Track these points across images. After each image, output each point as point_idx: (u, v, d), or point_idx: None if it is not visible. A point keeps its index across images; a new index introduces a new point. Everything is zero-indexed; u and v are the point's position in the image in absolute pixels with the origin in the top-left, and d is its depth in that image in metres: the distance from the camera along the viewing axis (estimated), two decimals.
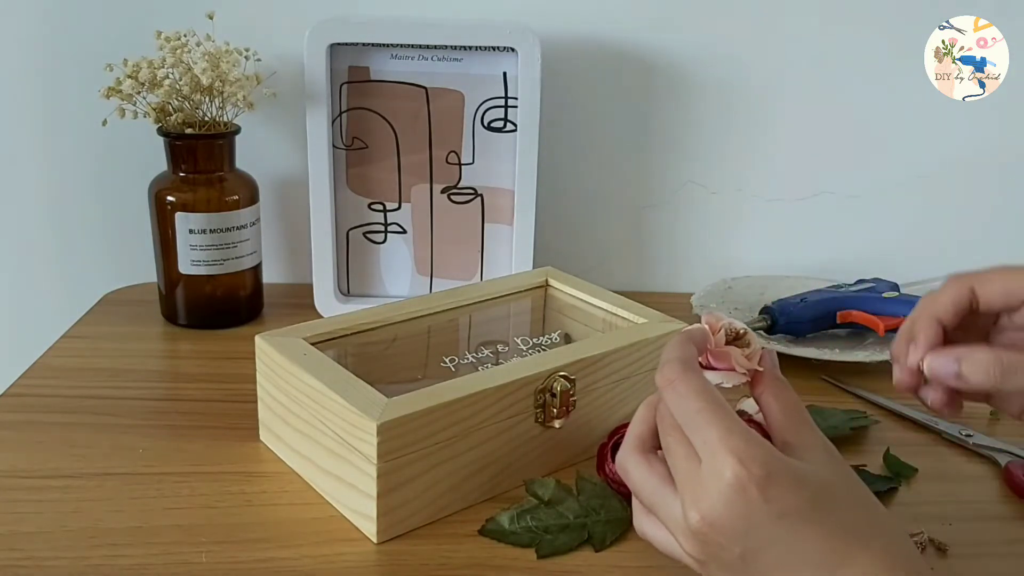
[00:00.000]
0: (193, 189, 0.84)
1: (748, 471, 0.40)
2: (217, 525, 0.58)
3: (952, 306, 0.47)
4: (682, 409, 0.43)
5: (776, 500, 0.40)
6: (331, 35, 0.83)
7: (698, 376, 0.44)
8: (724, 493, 0.40)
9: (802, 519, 0.40)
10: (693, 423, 0.42)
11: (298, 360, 0.61)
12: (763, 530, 0.40)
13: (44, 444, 0.66)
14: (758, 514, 0.40)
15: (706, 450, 0.41)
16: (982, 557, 0.58)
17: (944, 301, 0.47)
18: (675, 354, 0.45)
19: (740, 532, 0.40)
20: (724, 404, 0.43)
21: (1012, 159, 0.99)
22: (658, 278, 1.04)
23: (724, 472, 0.40)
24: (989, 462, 0.69)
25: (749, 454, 0.40)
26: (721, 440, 0.41)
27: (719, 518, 0.41)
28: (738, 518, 0.40)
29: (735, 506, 0.40)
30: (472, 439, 0.59)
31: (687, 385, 0.43)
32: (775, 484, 0.40)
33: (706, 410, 0.42)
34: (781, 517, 0.40)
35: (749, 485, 0.40)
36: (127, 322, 0.88)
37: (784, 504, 0.40)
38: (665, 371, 0.44)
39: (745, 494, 0.40)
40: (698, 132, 0.98)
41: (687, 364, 0.45)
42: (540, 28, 0.86)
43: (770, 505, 0.40)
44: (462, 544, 0.57)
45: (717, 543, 0.41)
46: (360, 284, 0.93)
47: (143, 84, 0.80)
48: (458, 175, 0.90)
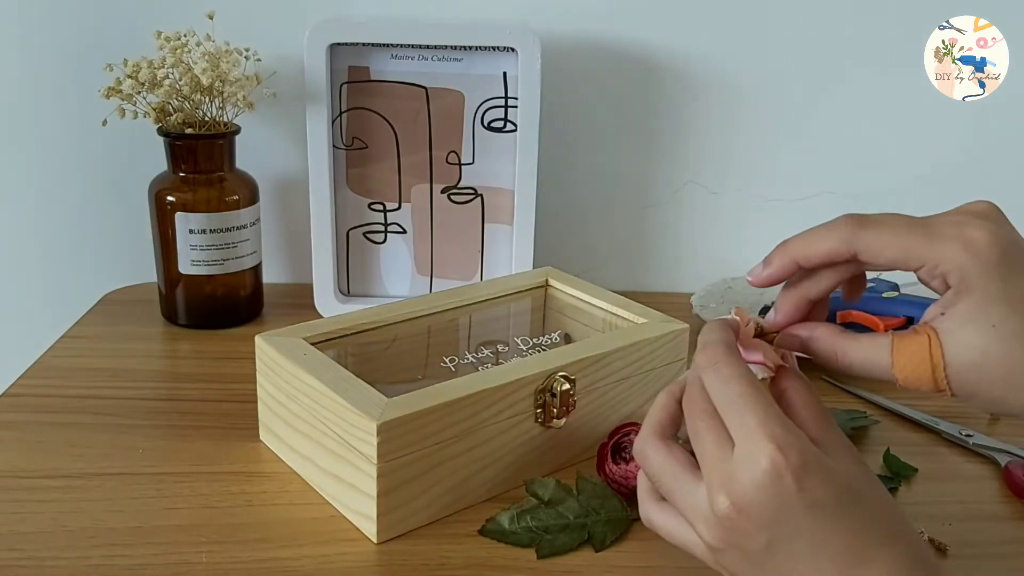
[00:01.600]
0: (193, 189, 0.84)
1: (786, 458, 0.39)
2: (217, 525, 0.58)
3: (824, 259, 0.45)
4: (723, 391, 0.42)
5: (809, 491, 0.40)
6: (331, 35, 0.83)
7: (740, 360, 0.44)
8: (758, 479, 0.40)
9: (830, 513, 0.40)
10: (733, 406, 0.42)
11: (298, 360, 0.61)
12: (792, 519, 0.40)
13: (44, 444, 0.66)
14: (790, 503, 0.40)
15: (743, 434, 0.41)
16: (982, 557, 0.58)
17: (815, 254, 0.45)
18: (718, 336, 0.45)
19: (769, 520, 0.40)
20: (765, 391, 0.42)
21: (1012, 159, 0.99)
22: (658, 278, 1.04)
23: (760, 458, 0.40)
24: (989, 462, 0.69)
25: (787, 442, 0.40)
26: (760, 425, 0.40)
27: (749, 504, 0.40)
28: (769, 505, 0.40)
29: (768, 492, 0.40)
30: (472, 439, 0.59)
31: (731, 369, 0.43)
32: (810, 475, 0.40)
33: (748, 395, 0.42)
34: (811, 508, 0.40)
35: (785, 473, 0.39)
36: (127, 322, 0.88)
37: (816, 495, 0.40)
38: (709, 352, 0.44)
39: (780, 481, 0.39)
40: (698, 132, 0.98)
41: (730, 347, 0.44)
42: (540, 28, 0.86)
43: (803, 495, 0.40)
44: (462, 544, 0.57)
45: (743, 530, 0.41)
46: (360, 284, 0.93)
47: (143, 84, 0.80)
48: (458, 175, 0.90)
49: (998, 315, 0.40)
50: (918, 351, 0.42)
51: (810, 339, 0.47)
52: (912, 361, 0.42)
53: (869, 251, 0.43)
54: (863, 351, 0.44)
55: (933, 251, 0.42)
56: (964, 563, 0.57)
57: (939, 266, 0.42)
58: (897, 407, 0.76)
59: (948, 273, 0.42)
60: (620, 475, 0.60)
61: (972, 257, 0.41)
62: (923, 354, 0.42)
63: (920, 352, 0.42)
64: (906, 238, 0.42)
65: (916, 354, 0.42)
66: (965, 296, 0.41)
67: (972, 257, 0.41)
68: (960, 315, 0.41)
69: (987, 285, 0.41)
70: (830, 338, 0.46)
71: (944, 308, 0.42)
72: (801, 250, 0.46)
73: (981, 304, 0.41)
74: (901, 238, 0.42)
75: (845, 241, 0.44)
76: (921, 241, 0.42)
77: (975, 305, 0.41)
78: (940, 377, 0.42)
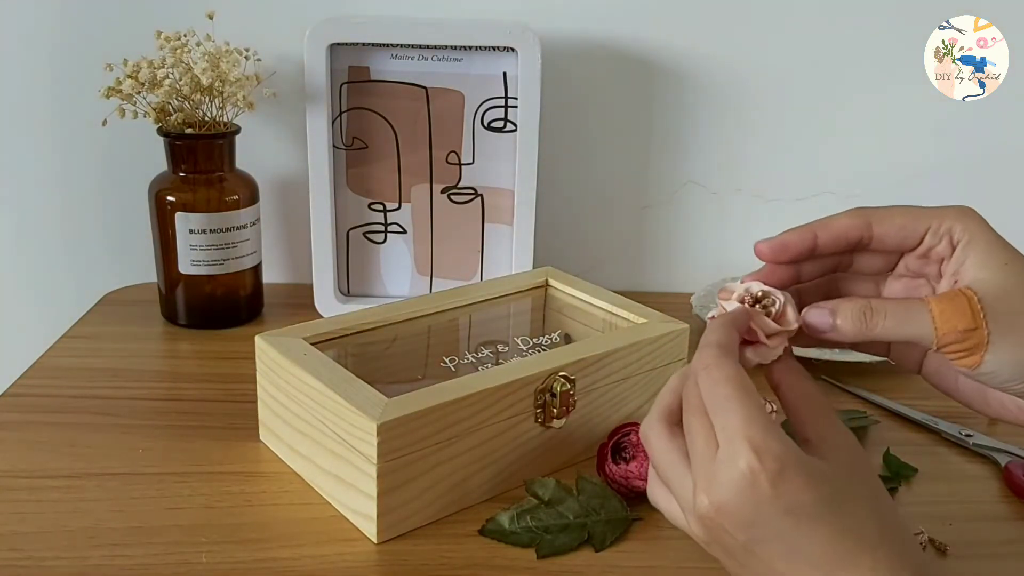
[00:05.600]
0: (193, 189, 0.84)
1: (762, 463, 0.40)
2: (217, 525, 0.58)
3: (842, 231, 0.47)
4: (711, 393, 0.43)
5: (786, 495, 0.40)
6: (331, 35, 0.83)
7: (733, 363, 0.44)
8: (736, 482, 0.40)
9: (810, 517, 0.40)
10: (719, 408, 0.42)
11: (298, 360, 0.61)
12: (769, 522, 0.40)
13: (44, 444, 0.66)
14: (766, 507, 0.40)
15: (724, 436, 0.41)
16: (982, 557, 0.58)
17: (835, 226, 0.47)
18: (714, 338, 0.45)
19: (746, 522, 0.41)
20: (753, 394, 0.43)
21: (1012, 159, 0.99)
22: (658, 278, 1.04)
23: (739, 461, 0.40)
24: (989, 462, 0.69)
25: (766, 446, 0.40)
26: (740, 429, 0.41)
27: (727, 505, 0.41)
28: (746, 508, 0.40)
29: (744, 496, 0.40)
30: (472, 439, 0.59)
31: (721, 372, 0.43)
32: (787, 480, 0.40)
33: (733, 398, 0.42)
34: (788, 513, 0.40)
35: (761, 477, 0.40)
36: (127, 322, 0.88)
37: (793, 500, 0.40)
38: (703, 355, 0.44)
39: (756, 486, 0.40)
40: (698, 132, 0.98)
41: (725, 350, 0.44)
42: (540, 28, 0.86)
43: (779, 500, 0.40)
44: (462, 544, 0.57)
45: (723, 528, 0.41)
46: (360, 284, 0.93)
47: (143, 84, 0.80)
48: (458, 175, 0.90)
49: (1006, 256, 0.45)
50: (955, 296, 0.44)
51: (837, 308, 0.46)
52: (951, 304, 0.44)
53: (882, 220, 0.47)
54: (899, 309, 0.45)
55: (936, 212, 0.47)
56: (964, 563, 0.57)
57: (943, 222, 0.46)
58: (897, 407, 0.76)
59: (952, 228, 0.46)
60: (620, 475, 0.60)
61: (969, 215, 0.46)
62: (961, 300, 0.44)
63: (957, 299, 0.44)
64: (912, 209, 0.47)
65: (954, 301, 0.44)
66: (972, 246, 0.45)
67: (969, 215, 0.46)
68: (973, 264, 0.45)
69: (987, 233, 0.46)
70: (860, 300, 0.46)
71: (956, 268, 0.46)
72: (821, 222, 0.48)
73: (988, 249, 0.45)
74: (908, 209, 0.47)
75: (860, 214, 0.47)
76: (924, 209, 0.47)
77: (983, 251, 0.45)
78: (977, 310, 0.44)
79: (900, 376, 0.81)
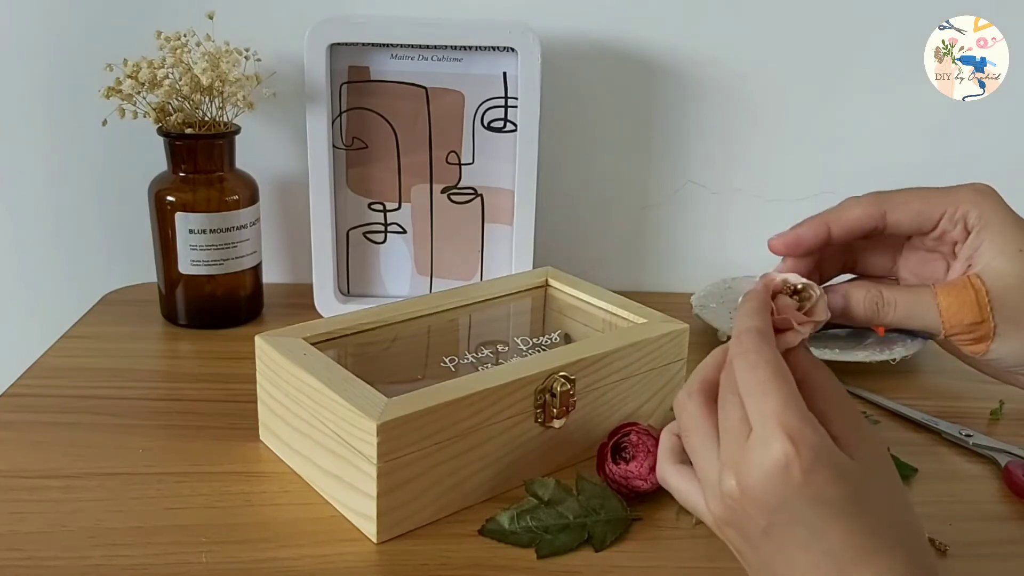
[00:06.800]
0: (193, 189, 0.84)
1: (797, 451, 0.40)
2: (217, 525, 0.58)
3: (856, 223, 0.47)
4: (748, 377, 0.43)
5: (815, 486, 0.40)
6: (331, 35, 0.83)
7: (771, 349, 0.43)
8: (767, 467, 0.40)
9: (834, 510, 0.40)
10: (756, 392, 0.42)
11: (298, 360, 0.61)
12: (794, 511, 0.40)
13: (44, 444, 0.66)
14: (794, 495, 0.40)
15: (759, 420, 0.41)
16: (982, 557, 0.58)
17: (849, 218, 0.47)
18: (753, 323, 0.44)
19: (771, 507, 0.40)
20: (791, 381, 0.42)
21: (1012, 159, 0.99)
22: (658, 278, 1.04)
23: (773, 446, 0.40)
24: (989, 462, 0.69)
25: (801, 435, 0.40)
26: (777, 414, 0.41)
27: (754, 489, 0.41)
28: (773, 494, 0.40)
29: (774, 482, 0.40)
30: (472, 439, 0.59)
31: (759, 355, 0.43)
32: (819, 471, 0.40)
33: (771, 382, 0.42)
34: (815, 503, 0.40)
35: (794, 465, 0.40)
36: (127, 322, 0.88)
37: (822, 492, 0.40)
38: (743, 340, 0.44)
39: (788, 473, 0.40)
40: (698, 132, 0.98)
41: (764, 336, 0.44)
42: (540, 28, 0.86)
43: (808, 489, 0.40)
44: (462, 544, 0.57)
45: (745, 512, 0.41)
46: (360, 284, 0.93)
47: (143, 84, 0.80)
48: (458, 175, 0.90)
49: (1022, 242, 0.45)
50: (962, 289, 0.45)
51: (850, 294, 0.47)
52: (958, 299, 0.45)
53: (897, 207, 0.47)
54: (908, 301, 0.46)
55: (952, 196, 0.46)
56: (964, 563, 0.57)
57: (959, 208, 0.46)
58: (897, 407, 0.76)
59: (968, 213, 0.46)
60: (620, 475, 0.60)
61: (986, 197, 0.46)
62: (967, 290, 0.45)
63: (964, 289, 0.45)
64: (927, 193, 0.47)
65: (961, 292, 0.45)
66: (987, 231, 0.45)
67: (986, 197, 0.46)
68: (988, 250, 0.45)
69: (1004, 218, 0.45)
70: (873, 289, 0.47)
71: (970, 253, 0.46)
72: (834, 214, 0.48)
73: (1004, 234, 0.45)
74: (923, 194, 0.47)
75: (875, 201, 0.47)
76: (940, 193, 0.47)
77: (999, 237, 0.45)
78: (984, 304, 0.44)
79: (900, 376, 0.81)
